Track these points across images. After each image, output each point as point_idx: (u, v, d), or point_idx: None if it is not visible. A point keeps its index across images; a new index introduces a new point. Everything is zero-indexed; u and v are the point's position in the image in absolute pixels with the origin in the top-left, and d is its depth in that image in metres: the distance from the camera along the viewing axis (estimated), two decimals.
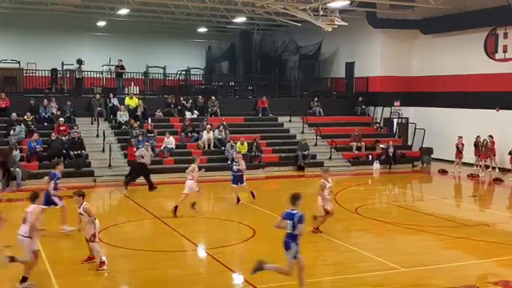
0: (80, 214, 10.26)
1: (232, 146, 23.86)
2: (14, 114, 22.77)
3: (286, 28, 32.20)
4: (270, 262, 11.20)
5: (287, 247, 8.77)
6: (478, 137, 23.97)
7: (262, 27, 33.93)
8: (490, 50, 25.47)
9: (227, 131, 24.93)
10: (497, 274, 10.52)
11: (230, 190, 18.74)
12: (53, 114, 24.01)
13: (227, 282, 10.20)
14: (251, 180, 21.93)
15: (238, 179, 16.71)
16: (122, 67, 28.10)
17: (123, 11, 28.09)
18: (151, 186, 18.94)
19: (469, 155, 24.22)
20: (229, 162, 23.41)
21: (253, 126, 26.77)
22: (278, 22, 29.69)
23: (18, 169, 19.72)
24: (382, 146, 26.33)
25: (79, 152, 21.72)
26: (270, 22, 31.79)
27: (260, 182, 21.55)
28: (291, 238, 8.76)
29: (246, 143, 24.10)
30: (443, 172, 24.42)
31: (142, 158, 19.13)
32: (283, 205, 16.79)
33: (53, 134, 22.01)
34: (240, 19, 30.51)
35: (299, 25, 28.81)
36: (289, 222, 8.79)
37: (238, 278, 10.36)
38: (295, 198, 8.94)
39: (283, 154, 25.04)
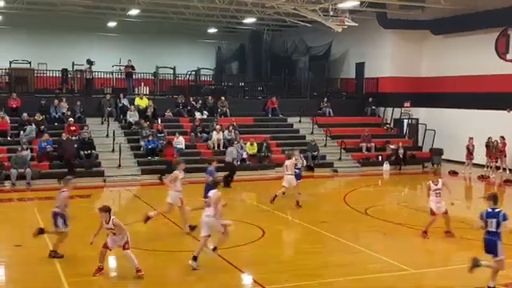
0: (109, 228, 9.98)
1: (242, 147, 23.87)
2: (24, 114, 22.90)
3: (296, 28, 32.19)
4: (281, 262, 11.20)
5: (492, 246, 9.06)
6: (489, 138, 23.79)
7: (271, 28, 33.92)
8: (501, 50, 25.28)
9: (237, 131, 24.95)
10: (507, 276, 10.42)
11: (239, 190, 18.82)
12: (63, 114, 24.14)
13: (236, 283, 10.20)
14: (261, 181, 22.05)
15: (299, 176, 17.21)
16: (132, 67, 28.23)
17: (133, 12, 28.20)
18: (228, 184, 20.00)
19: (479, 156, 24.04)
20: (238, 162, 23.48)
21: (262, 127, 26.77)
22: (288, 22, 29.66)
23: (28, 169, 19.87)
24: (392, 146, 26.21)
25: (89, 152, 21.81)
26: (279, 23, 31.77)
27: (270, 183, 21.54)
28: (496, 236, 9.04)
29: (255, 144, 24.11)
30: (453, 173, 24.24)
31: (233, 158, 21.07)
32: (293, 205, 16.69)
33: (63, 134, 22.10)
34: (250, 20, 30.52)
35: (309, 25, 28.79)
36: (493, 220, 9.05)
37: (247, 279, 10.36)
38: (497, 197, 9.37)
39: None
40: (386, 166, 24.90)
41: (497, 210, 9.09)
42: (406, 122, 29.28)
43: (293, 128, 27.67)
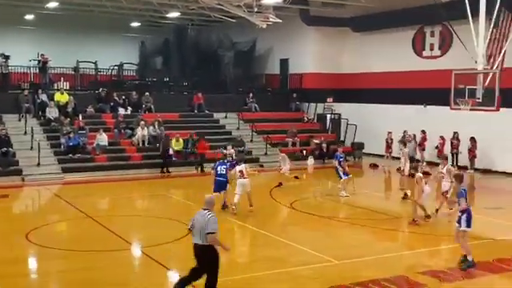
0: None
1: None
2: None
3: (220, 24, 32.11)
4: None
5: None
6: (405, 131, 24.76)
7: (196, 22, 33.68)
8: (418, 47, 26.46)
9: (162, 127, 24.64)
10: (424, 264, 10.95)
11: (167, 186, 18.59)
12: None
13: (162, 281, 10.09)
14: (187, 177, 21.92)
15: None
16: (45, 62, 27.01)
17: (51, 4, 27.14)
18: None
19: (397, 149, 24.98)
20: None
21: (188, 123, 26.57)
22: (213, 17, 29.55)
23: None
24: (315, 141, 26.81)
25: (6, 150, 20.89)
26: (204, 18, 31.60)
27: (196, 179, 21.46)
28: None
29: (181, 140, 23.91)
30: (374, 166, 25.14)
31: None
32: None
33: None
34: (174, 14, 30.14)
35: (234, 21, 28.80)
36: None
37: (173, 276, 10.26)
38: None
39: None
40: (311, 160, 25.35)
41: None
42: (328, 116, 29.99)
43: (219, 124, 27.67)
